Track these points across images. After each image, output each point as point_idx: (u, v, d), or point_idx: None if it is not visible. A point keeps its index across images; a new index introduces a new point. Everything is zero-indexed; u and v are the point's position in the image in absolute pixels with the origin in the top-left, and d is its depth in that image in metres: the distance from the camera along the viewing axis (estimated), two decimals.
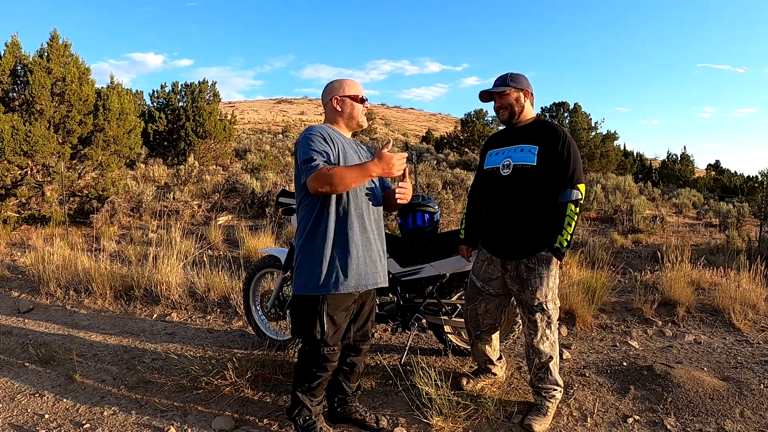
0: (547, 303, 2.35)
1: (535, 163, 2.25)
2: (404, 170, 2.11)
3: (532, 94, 2.41)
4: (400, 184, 2.19)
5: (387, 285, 2.24)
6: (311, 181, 1.97)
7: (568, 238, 2.23)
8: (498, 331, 2.68)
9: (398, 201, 2.17)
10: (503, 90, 2.35)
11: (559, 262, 2.34)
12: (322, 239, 2.06)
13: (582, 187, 2.25)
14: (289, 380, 2.67)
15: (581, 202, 2.25)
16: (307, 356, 2.17)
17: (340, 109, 2.20)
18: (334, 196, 2.05)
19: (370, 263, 2.15)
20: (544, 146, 2.26)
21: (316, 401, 2.25)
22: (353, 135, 2.33)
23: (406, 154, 2.10)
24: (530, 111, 2.42)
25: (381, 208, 2.27)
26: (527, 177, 2.27)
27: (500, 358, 2.78)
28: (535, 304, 2.34)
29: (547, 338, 2.39)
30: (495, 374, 2.75)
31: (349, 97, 2.20)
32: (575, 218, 2.23)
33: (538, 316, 2.35)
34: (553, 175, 2.25)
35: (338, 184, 1.96)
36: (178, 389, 2.74)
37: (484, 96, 2.45)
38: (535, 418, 2.35)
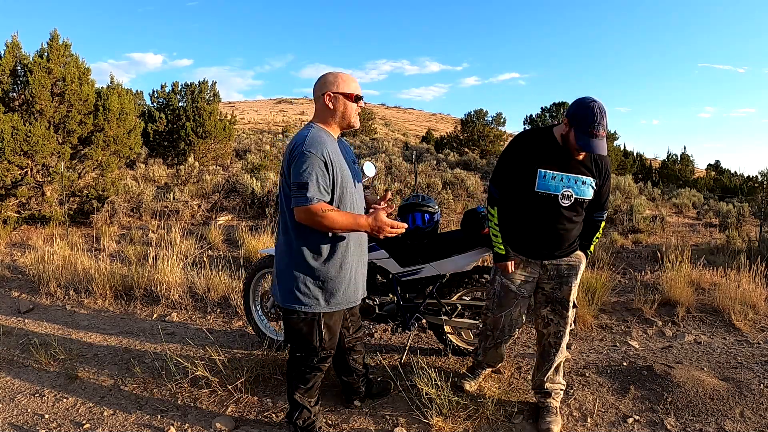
0: (575, 300, 2.43)
1: (591, 197, 2.30)
2: (387, 194, 2.17)
3: None
4: (384, 204, 2.14)
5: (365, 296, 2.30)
6: (300, 212, 1.89)
7: (595, 246, 2.51)
8: None
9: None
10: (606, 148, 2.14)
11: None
12: (321, 255, 2.02)
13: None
14: None
15: None
16: (300, 361, 2.18)
17: (332, 107, 2.03)
18: None
19: (360, 278, 2.19)
20: (598, 179, 2.30)
21: (314, 401, 2.27)
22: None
23: (404, 227, 2.03)
24: None
25: None
26: (582, 207, 2.32)
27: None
28: (571, 300, 2.38)
29: (566, 336, 2.44)
30: (499, 371, 2.76)
31: (343, 94, 2.02)
32: (602, 230, 2.48)
33: (571, 312, 2.40)
34: (598, 199, 2.37)
35: (327, 227, 1.93)
36: (178, 389, 2.74)
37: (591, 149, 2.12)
38: (551, 420, 2.36)
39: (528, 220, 2.32)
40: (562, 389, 2.48)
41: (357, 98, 2.06)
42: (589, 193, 2.27)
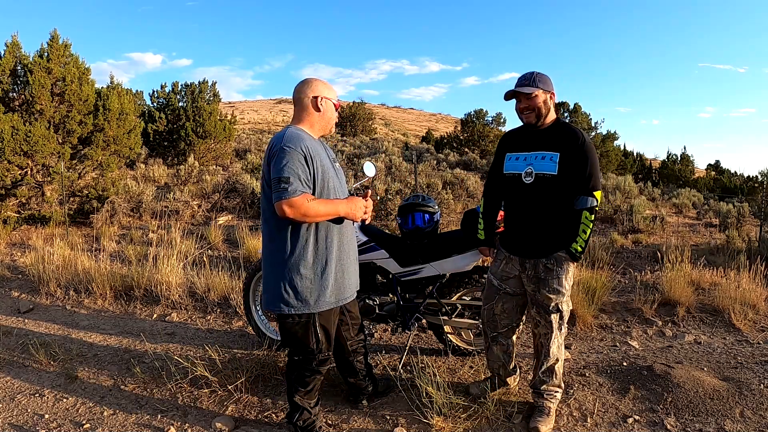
0: (562, 304, 2.35)
1: (556, 173, 2.24)
2: (367, 191, 2.22)
3: (554, 95, 2.35)
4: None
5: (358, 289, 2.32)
6: (283, 206, 1.89)
7: (583, 244, 2.28)
8: (516, 335, 2.63)
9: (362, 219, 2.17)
10: (531, 92, 2.27)
11: (574, 265, 2.37)
12: (304, 256, 2.02)
13: (598, 194, 2.27)
14: None
15: (597, 208, 2.27)
16: (299, 365, 2.19)
17: (321, 110, 2.11)
18: None
19: (353, 273, 2.21)
20: (565, 153, 2.24)
21: (314, 402, 2.27)
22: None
23: (370, 210, 2.18)
24: (553, 113, 2.36)
25: None
26: (549, 185, 2.26)
27: (515, 369, 2.71)
28: (551, 305, 2.34)
29: (558, 340, 2.40)
30: (508, 384, 2.69)
31: (330, 100, 2.15)
32: (590, 225, 2.26)
33: (553, 317, 2.35)
34: (572, 182, 2.25)
35: (311, 217, 1.95)
36: (178, 389, 2.74)
37: (509, 95, 2.36)
38: (540, 420, 2.35)
39: (507, 207, 2.50)
40: (557, 392, 2.46)
41: (337, 107, 2.20)
42: (551, 168, 2.24)
